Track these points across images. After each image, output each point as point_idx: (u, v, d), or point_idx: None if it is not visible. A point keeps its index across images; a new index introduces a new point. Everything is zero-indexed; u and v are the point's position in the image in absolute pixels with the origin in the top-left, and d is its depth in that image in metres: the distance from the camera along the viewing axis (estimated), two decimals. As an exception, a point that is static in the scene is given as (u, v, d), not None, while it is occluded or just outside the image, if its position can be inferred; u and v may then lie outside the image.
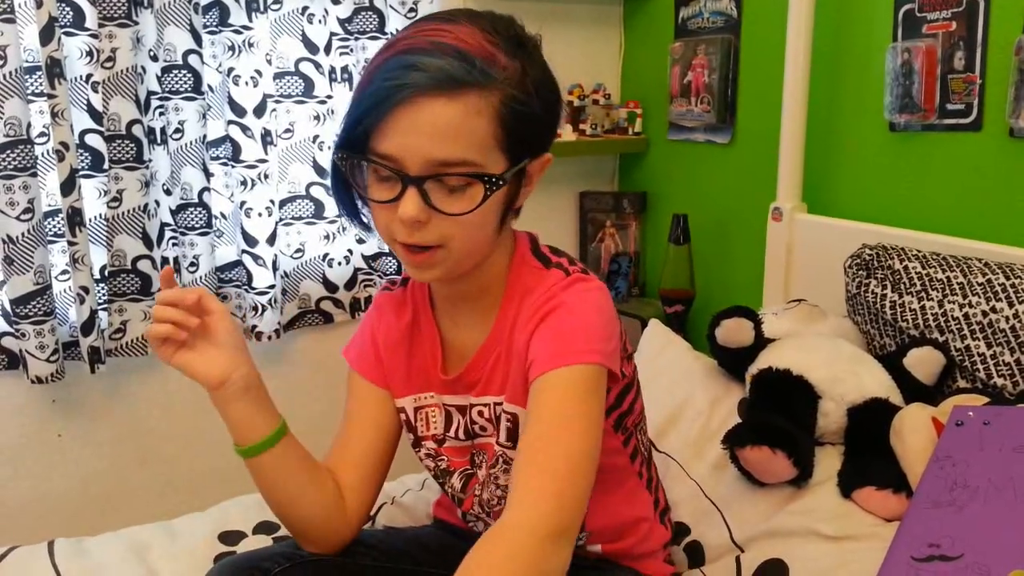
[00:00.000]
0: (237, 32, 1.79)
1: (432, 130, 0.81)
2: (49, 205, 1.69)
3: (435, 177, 0.84)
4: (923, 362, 1.25)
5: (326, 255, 2.05)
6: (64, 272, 1.72)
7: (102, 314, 1.76)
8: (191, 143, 1.81)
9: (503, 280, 0.99)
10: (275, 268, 1.91)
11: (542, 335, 0.90)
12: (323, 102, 1.98)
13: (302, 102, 1.96)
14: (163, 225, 1.84)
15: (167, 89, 1.78)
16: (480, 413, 1.02)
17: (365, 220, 0.96)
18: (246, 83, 1.81)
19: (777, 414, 1.21)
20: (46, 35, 1.55)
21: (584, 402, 0.86)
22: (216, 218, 1.88)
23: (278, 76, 1.92)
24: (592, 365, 0.87)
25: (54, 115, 1.58)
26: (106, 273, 1.76)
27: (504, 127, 0.84)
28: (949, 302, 1.27)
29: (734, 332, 1.36)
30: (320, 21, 1.93)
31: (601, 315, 0.91)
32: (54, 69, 1.57)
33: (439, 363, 1.03)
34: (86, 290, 1.67)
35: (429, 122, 0.81)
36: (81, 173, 1.68)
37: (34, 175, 1.60)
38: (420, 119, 0.81)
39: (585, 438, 0.84)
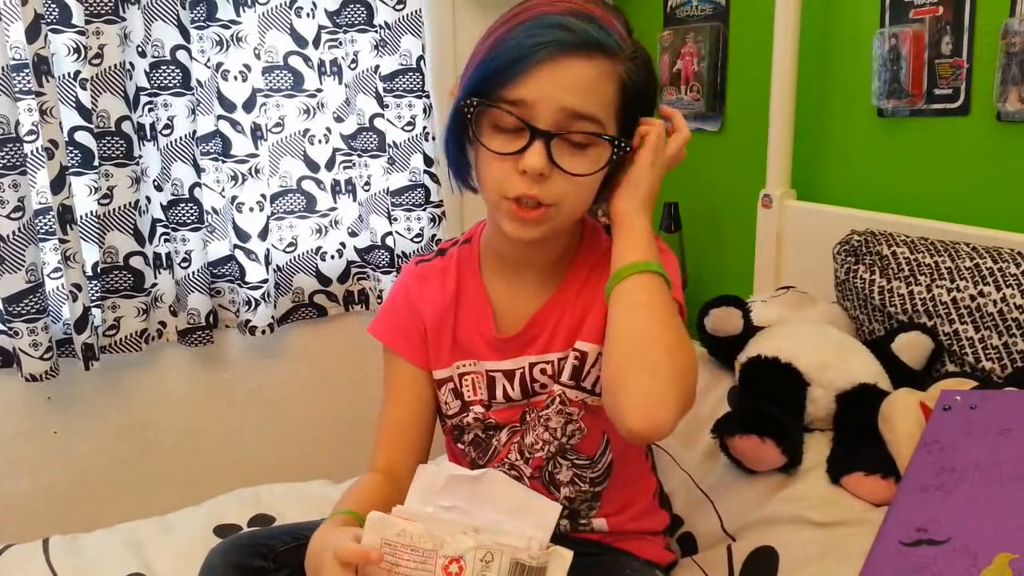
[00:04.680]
0: (225, 27, 1.79)
1: (569, 83, 0.86)
2: (39, 203, 1.69)
3: (562, 135, 0.87)
4: (911, 347, 1.25)
5: (319, 249, 2.05)
6: (56, 270, 1.72)
7: (95, 311, 1.77)
8: (181, 139, 1.81)
9: (575, 246, 1.04)
10: (268, 263, 1.92)
11: None
12: (313, 95, 1.98)
13: (292, 96, 1.96)
14: (155, 221, 1.84)
15: (156, 85, 1.77)
16: (543, 371, 1.03)
17: (471, 182, 0.99)
18: (235, 78, 1.81)
19: (766, 402, 1.21)
20: (32, 32, 1.55)
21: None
22: (208, 213, 1.88)
23: (267, 70, 1.92)
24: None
25: (43, 113, 1.58)
26: (98, 270, 1.76)
27: (624, 96, 0.90)
28: (937, 287, 1.27)
29: (723, 321, 1.37)
30: (308, 15, 1.93)
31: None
32: (41, 67, 1.56)
33: (491, 326, 1.04)
34: (78, 287, 1.68)
35: (568, 76, 0.86)
36: (71, 170, 1.68)
37: (24, 173, 1.60)
38: (559, 73, 0.86)
39: None
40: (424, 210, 2.07)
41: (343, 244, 2.08)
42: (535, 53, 0.85)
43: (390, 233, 2.05)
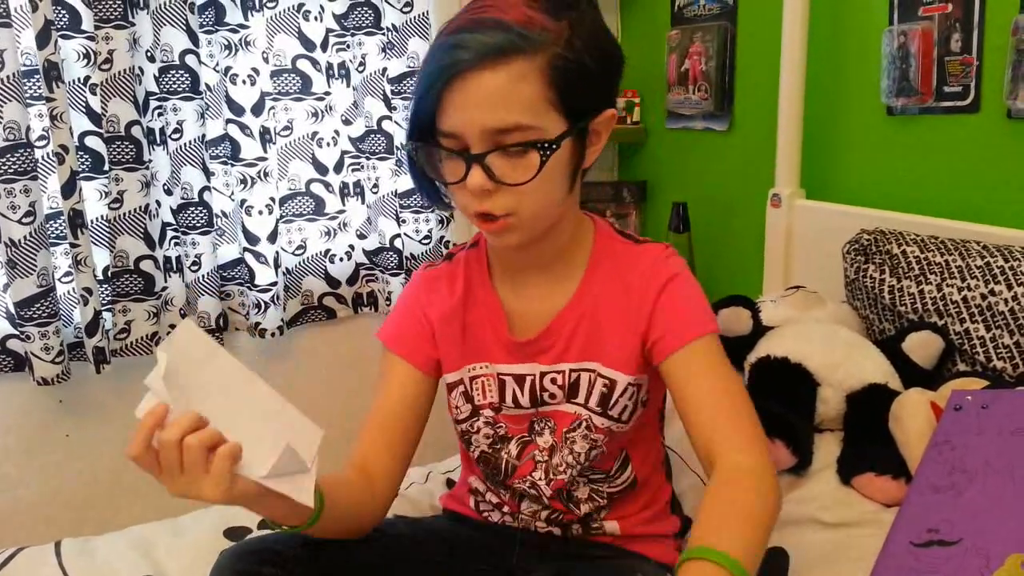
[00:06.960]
0: (233, 31, 1.79)
1: (482, 100, 0.85)
2: (51, 208, 1.70)
3: (495, 150, 0.87)
4: (922, 346, 1.25)
5: (327, 251, 2.05)
6: (67, 274, 1.73)
7: (106, 315, 1.78)
8: (190, 143, 1.81)
9: (586, 250, 1.03)
10: (277, 265, 1.92)
11: (672, 305, 0.97)
12: (321, 99, 1.98)
13: (300, 99, 1.96)
14: (164, 225, 1.84)
15: (165, 89, 1.78)
16: (553, 380, 1.03)
17: (447, 201, 1.00)
18: (244, 82, 1.82)
19: (776, 402, 1.21)
20: (43, 38, 1.55)
21: (728, 362, 0.97)
22: (217, 217, 1.89)
23: (275, 74, 1.92)
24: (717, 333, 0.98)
25: (53, 118, 1.59)
26: (109, 274, 1.77)
27: (555, 87, 0.87)
28: (948, 285, 1.26)
29: (732, 321, 1.36)
30: (316, 18, 1.93)
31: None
32: (52, 72, 1.57)
33: (505, 328, 1.04)
34: (89, 291, 1.68)
35: (478, 93, 0.85)
36: (81, 175, 1.68)
37: (35, 178, 1.61)
38: (469, 93, 0.85)
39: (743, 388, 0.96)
40: (432, 212, 2.07)
41: (352, 246, 2.08)
42: (440, 78, 0.85)
43: (398, 235, 2.05)
